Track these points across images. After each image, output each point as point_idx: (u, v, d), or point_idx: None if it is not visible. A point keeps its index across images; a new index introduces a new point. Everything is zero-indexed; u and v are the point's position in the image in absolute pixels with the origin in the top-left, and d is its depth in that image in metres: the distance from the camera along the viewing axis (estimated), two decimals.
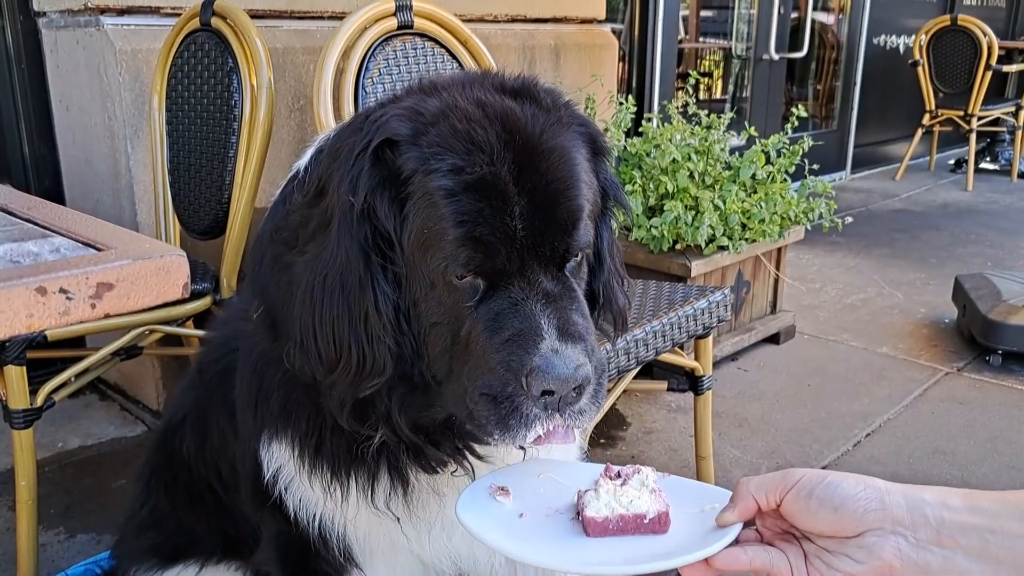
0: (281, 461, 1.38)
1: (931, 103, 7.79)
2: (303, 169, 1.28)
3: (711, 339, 2.54)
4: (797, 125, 3.69)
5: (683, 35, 6.41)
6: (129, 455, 2.95)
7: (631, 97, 3.73)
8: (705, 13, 6.96)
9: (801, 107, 3.75)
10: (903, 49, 8.48)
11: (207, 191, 2.61)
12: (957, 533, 0.93)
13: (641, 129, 3.62)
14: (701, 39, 6.96)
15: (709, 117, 3.61)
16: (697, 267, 3.30)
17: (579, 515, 1.10)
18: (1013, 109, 8.05)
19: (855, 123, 8.04)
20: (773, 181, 3.53)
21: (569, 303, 1.12)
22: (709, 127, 3.57)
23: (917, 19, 8.35)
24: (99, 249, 0.90)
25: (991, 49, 7.42)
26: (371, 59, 2.51)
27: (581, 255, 1.18)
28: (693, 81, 4.02)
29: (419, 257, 1.11)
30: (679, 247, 3.37)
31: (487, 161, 1.08)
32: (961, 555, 0.93)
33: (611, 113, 3.75)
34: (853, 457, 2.98)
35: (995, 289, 3.92)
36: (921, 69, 7.72)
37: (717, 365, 3.62)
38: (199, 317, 2.52)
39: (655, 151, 3.42)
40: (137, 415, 3.25)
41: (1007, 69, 8.37)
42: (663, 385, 2.66)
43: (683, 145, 3.44)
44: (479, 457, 1.29)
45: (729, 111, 3.77)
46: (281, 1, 3.11)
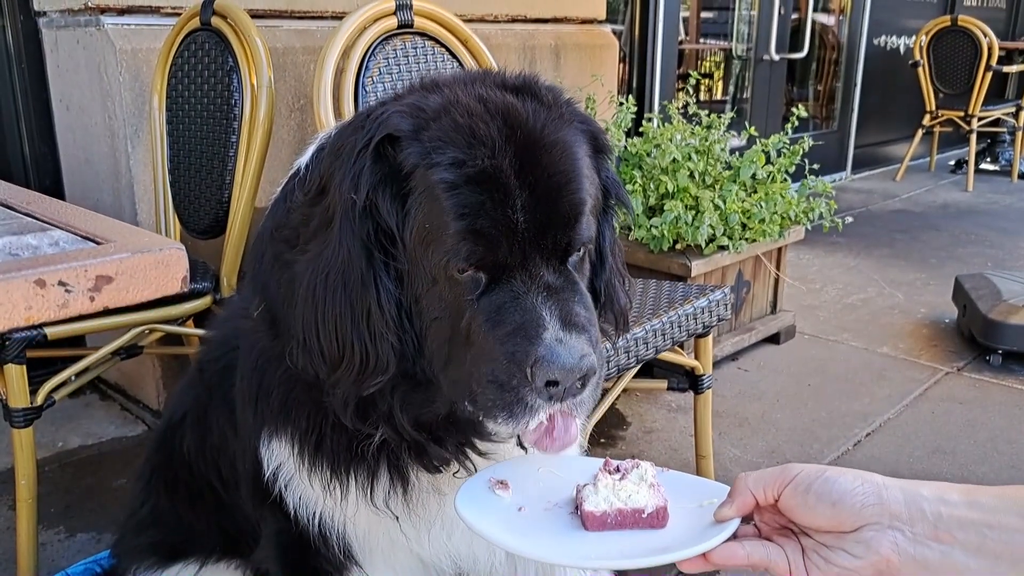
0: (281, 459, 1.38)
1: (931, 104, 7.79)
2: (304, 167, 1.27)
3: (711, 338, 2.54)
4: (797, 125, 3.69)
5: (683, 36, 6.41)
6: (129, 454, 2.95)
7: (631, 97, 3.73)
8: (706, 14, 6.97)
9: (801, 107, 3.75)
10: (903, 50, 8.48)
11: (207, 190, 2.61)
12: (955, 528, 0.94)
13: (641, 129, 3.62)
14: (702, 40, 6.96)
15: (709, 117, 3.61)
16: (697, 267, 3.30)
17: (578, 509, 1.11)
18: (1013, 110, 8.04)
19: (855, 124, 8.04)
20: (773, 181, 3.53)
21: (572, 295, 1.11)
22: (709, 127, 3.57)
23: (917, 20, 8.35)
24: (98, 243, 0.90)
25: (991, 50, 7.42)
26: (371, 58, 2.52)
27: (584, 250, 1.18)
28: (693, 82, 4.03)
29: (421, 253, 1.10)
30: (679, 247, 3.37)
31: (488, 154, 1.07)
32: (959, 550, 0.93)
33: (611, 113, 3.75)
34: (853, 457, 2.98)
35: (995, 289, 3.92)
36: (921, 70, 7.72)
37: (717, 365, 3.62)
38: (199, 316, 2.52)
39: (655, 151, 3.42)
40: (137, 415, 3.25)
41: (1007, 70, 8.37)
42: (663, 384, 2.65)
43: (683, 145, 3.44)
44: (481, 454, 1.29)
45: (730, 112, 3.77)
46: (281, 1, 3.11)
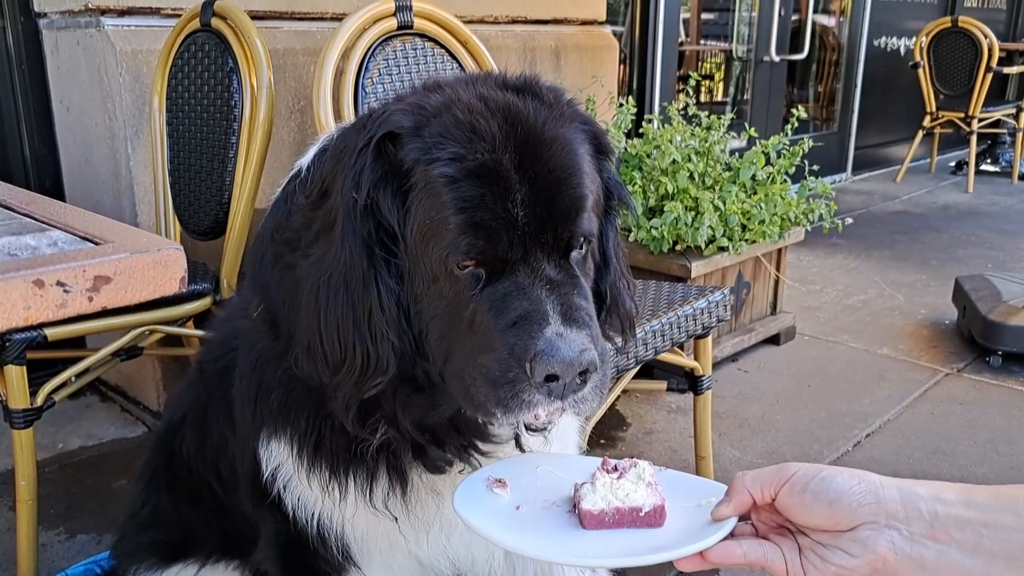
0: (280, 459, 1.38)
1: (932, 105, 7.79)
2: (305, 168, 1.28)
3: (710, 339, 2.54)
4: (797, 127, 3.69)
5: (684, 38, 6.42)
6: (129, 456, 2.96)
7: (631, 99, 3.73)
8: (706, 16, 6.97)
9: (802, 109, 3.75)
10: (904, 51, 8.48)
11: (207, 192, 2.61)
12: (951, 527, 0.94)
13: (641, 130, 3.62)
14: (702, 41, 6.96)
15: (709, 118, 3.61)
16: (697, 268, 3.30)
17: (575, 508, 1.11)
18: (1014, 111, 8.04)
19: (856, 125, 8.04)
20: (773, 182, 3.53)
21: (572, 290, 1.11)
22: (709, 128, 3.57)
23: (918, 21, 8.35)
24: (96, 243, 0.90)
25: (992, 51, 7.41)
26: (371, 59, 2.52)
27: (586, 247, 1.18)
28: (694, 83, 4.03)
29: (422, 250, 1.10)
30: (679, 248, 3.37)
31: (488, 149, 1.08)
32: (955, 549, 0.93)
33: (611, 114, 3.75)
34: (853, 458, 2.98)
35: (995, 290, 3.92)
36: (922, 71, 7.72)
37: (717, 366, 3.62)
38: (199, 317, 2.52)
39: (655, 152, 3.42)
40: (138, 416, 3.25)
41: (1008, 71, 8.38)
42: (663, 385, 2.65)
43: (683, 146, 3.44)
44: (484, 455, 1.29)
45: (730, 113, 3.77)
46: (281, 2, 3.12)
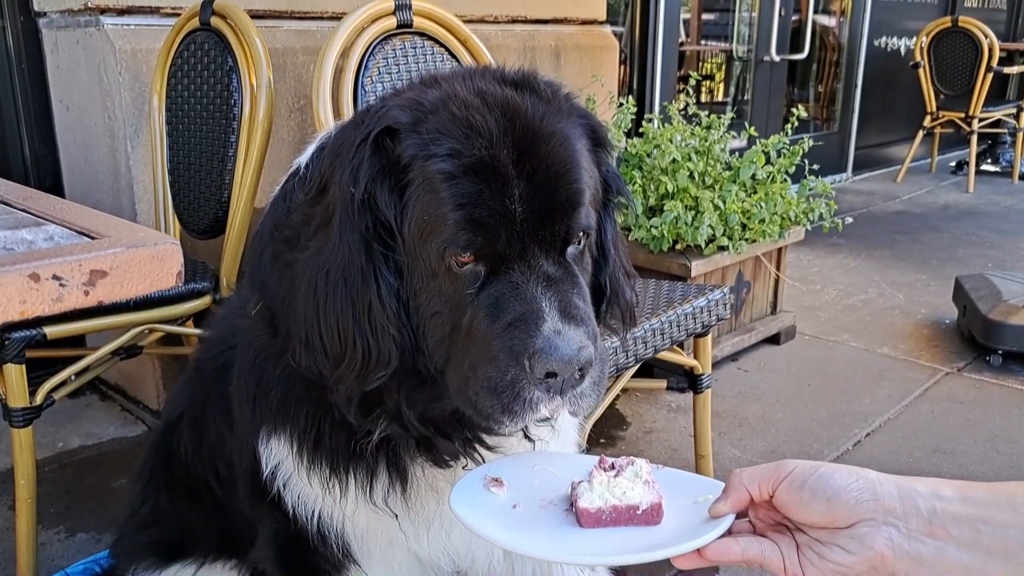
0: (280, 457, 1.38)
1: (932, 105, 7.78)
2: (304, 165, 1.28)
3: (710, 338, 2.54)
4: (797, 126, 3.69)
5: (684, 38, 6.42)
6: (129, 455, 2.95)
7: (631, 98, 3.73)
8: (706, 16, 6.97)
9: (802, 109, 3.74)
10: (904, 51, 8.47)
11: (207, 191, 2.61)
12: (949, 523, 0.94)
13: (641, 130, 3.62)
14: (702, 41, 6.96)
15: (709, 118, 3.61)
16: (697, 267, 3.30)
17: (572, 506, 1.11)
18: (1014, 111, 8.03)
19: (856, 125, 8.04)
20: (773, 181, 3.53)
21: (570, 287, 1.11)
22: (709, 127, 3.57)
23: (918, 21, 8.35)
24: (93, 237, 0.90)
25: (992, 51, 7.41)
26: (370, 58, 2.52)
27: (583, 242, 1.18)
28: (694, 83, 4.02)
29: (420, 246, 1.11)
30: (679, 247, 3.37)
31: (486, 145, 1.08)
32: (953, 545, 0.93)
33: (611, 114, 3.75)
34: (853, 457, 2.98)
35: (995, 289, 3.92)
36: (922, 71, 7.72)
37: (717, 365, 3.62)
38: (199, 316, 2.52)
39: (655, 151, 3.42)
40: (137, 415, 3.25)
41: (1008, 71, 8.37)
42: (662, 384, 2.65)
43: (683, 146, 3.44)
44: (489, 448, 1.29)
45: (730, 113, 3.77)
46: (281, 1, 3.11)
